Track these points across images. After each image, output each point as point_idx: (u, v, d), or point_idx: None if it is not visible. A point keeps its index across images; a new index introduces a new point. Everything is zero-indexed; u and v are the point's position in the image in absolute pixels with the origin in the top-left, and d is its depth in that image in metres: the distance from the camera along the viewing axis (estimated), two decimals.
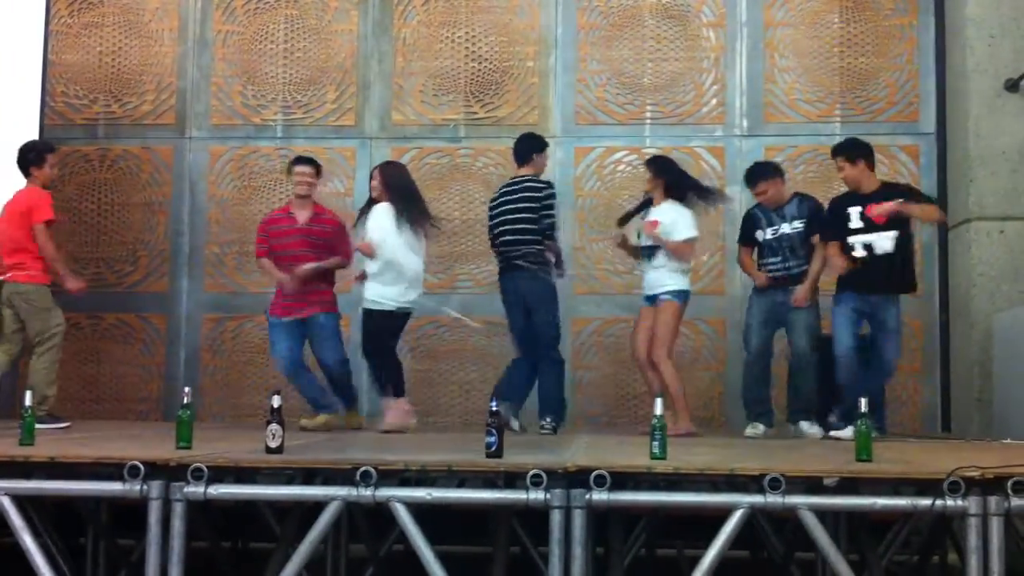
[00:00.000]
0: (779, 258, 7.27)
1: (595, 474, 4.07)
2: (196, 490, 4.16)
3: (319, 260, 7.22)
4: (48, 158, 7.28)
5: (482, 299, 8.48)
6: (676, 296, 7.09)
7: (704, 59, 8.91)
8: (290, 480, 5.11)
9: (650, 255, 7.19)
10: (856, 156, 6.97)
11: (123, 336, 9.01)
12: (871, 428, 4.60)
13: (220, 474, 4.28)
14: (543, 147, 7.46)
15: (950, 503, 3.98)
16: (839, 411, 6.75)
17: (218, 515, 6.48)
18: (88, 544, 6.31)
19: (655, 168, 7.33)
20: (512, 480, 4.36)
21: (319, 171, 7.48)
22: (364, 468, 4.14)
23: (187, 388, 4.97)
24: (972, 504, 3.96)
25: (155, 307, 9.03)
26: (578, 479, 4.09)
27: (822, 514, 4.23)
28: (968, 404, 7.82)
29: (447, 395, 8.74)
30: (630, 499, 4.30)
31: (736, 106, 8.83)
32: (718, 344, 8.60)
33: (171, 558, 4.15)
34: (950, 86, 8.46)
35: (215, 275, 9.04)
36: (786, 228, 7.26)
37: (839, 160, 7.03)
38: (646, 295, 7.24)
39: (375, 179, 7.22)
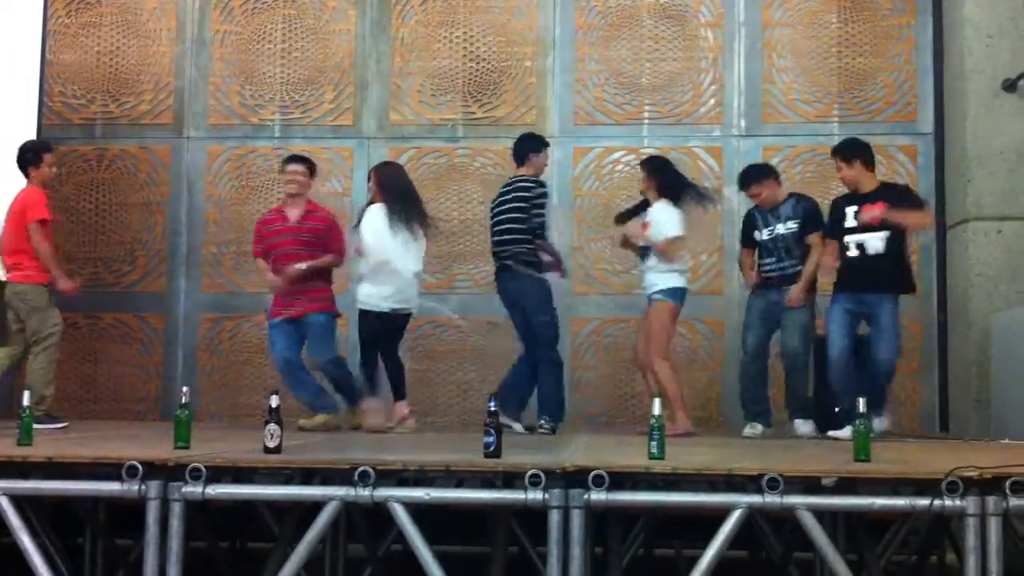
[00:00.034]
0: (774, 258, 7.30)
1: (593, 474, 4.06)
2: (194, 490, 4.16)
3: (312, 258, 7.21)
4: (45, 158, 7.27)
5: (480, 299, 8.48)
6: (668, 295, 7.08)
7: (702, 59, 8.91)
8: (288, 480, 5.10)
9: (644, 255, 7.21)
10: (852, 156, 6.98)
11: (121, 336, 9.01)
12: (869, 428, 4.61)
13: (218, 474, 4.28)
14: (540, 147, 7.45)
15: (948, 503, 3.97)
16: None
17: (216, 515, 6.48)
18: (86, 544, 6.31)
19: (648, 169, 7.34)
20: (510, 480, 4.36)
21: (312, 169, 7.47)
22: (362, 468, 4.13)
23: (185, 388, 4.95)
24: (970, 504, 3.95)
25: (153, 307, 9.02)
26: (576, 479, 4.08)
27: (820, 514, 4.23)
28: (966, 404, 7.83)
29: (445, 395, 8.74)
30: (628, 499, 4.30)
31: (734, 106, 8.83)
32: (716, 344, 8.60)
33: (169, 558, 4.15)
34: (948, 86, 8.46)
35: (213, 275, 9.03)
36: (781, 228, 7.27)
37: (837, 160, 7.07)
38: (646, 295, 7.27)
39: (371, 180, 7.22)
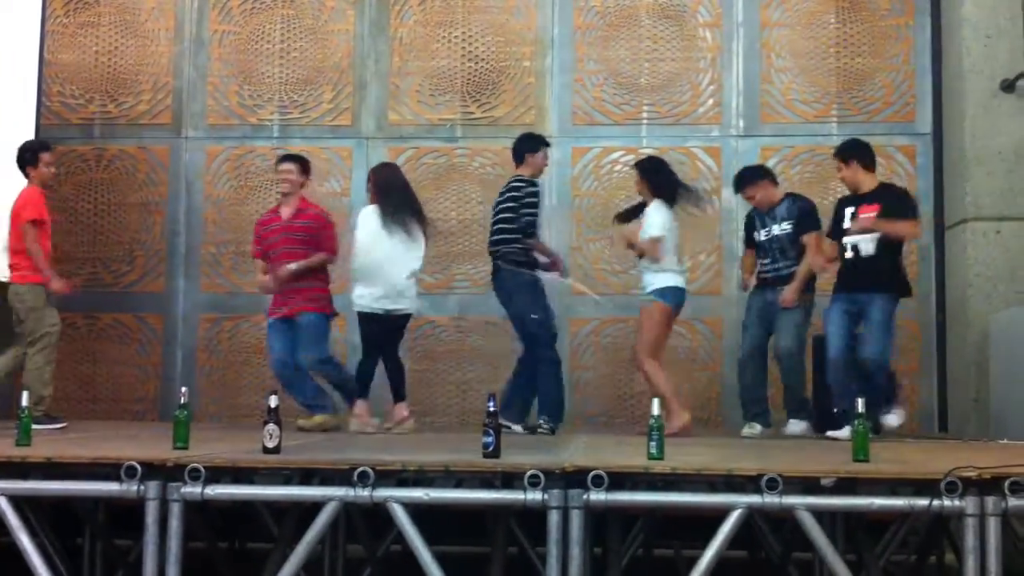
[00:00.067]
0: (769, 259, 7.34)
1: (593, 474, 4.06)
2: (193, 490, 4.16)
3: (305, 256, 7.18)
4: (43, 157, 7.27)
5: (479, 299, 8.48)
6: (659, 295, 7.08)
7: (701, 59, 8.91)
8: (287, 480, 5.10)
9: (641, 255, 7.23)
10: (849, 157, 7.00)
11: (119, 336, 9.00)
12: (868, 428, 4.61)
13: (217, 474, 4.28)
14: (536, 147, 7.44)
15: (947, 503, 3.97)
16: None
17: (215, 515, 6.48)
18: (85, 544, 6.30)
19: (640, 171, 7.36)
20: (510, 480, 4.36)
21: (304, 167, 7.44)
22: (361, 468, 4.13)
23: (184, 388, 4.94)
24: (969, 504, 3.96)
25: (151, 307, 9.01)
26: (576, 479, 4.09)
27: (819, 514, 4.23)
28: (965, 404, 7.83)
29: (444, 395, 8.73)
30: (628, 499, 4.30)
31: (732, 106, 8.83)
32: (715, 344, 8.60)
33: (168, 558, 4.15)
34: (946, 86, 8.47)
35: (211, 275, 9.02)
36: (776, 229, 7.29)
37: (837, 161, 7.09)
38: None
39: (369, 181, 7.24)
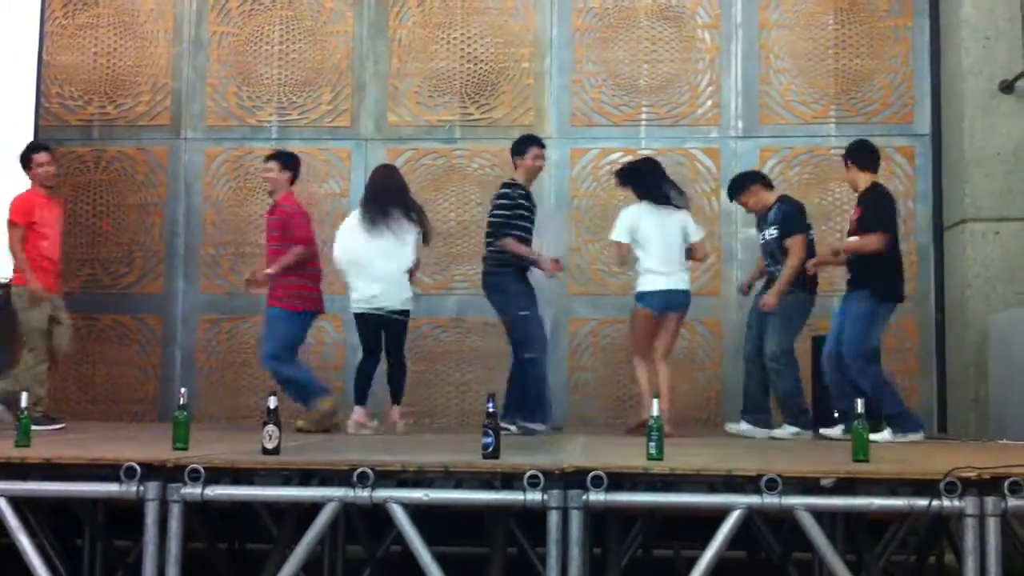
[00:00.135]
0: (766, 263, 7.38)
1: (592, 475, 4.07)
2: (193, 491, 4.16)
3: (281, 251, 7.15)
4: (35, 159, 7.33)
5: (478, 300, 8.43)
6: (637, 298, 7.18)
7: (699, 61, 8.91)
8: (287, 481, 5.08)
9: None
10: (847, 158, 7.05)
11: (119, 337, 8.99)
12: (867, 428, 4.61)
13: (217, 475, 4.28)
14: (523, 149, 7.41)
15: (947, 503, 3.98)
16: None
17: (215, 516, 6.48)
18: (85, 545, 6.30)
19: (617, 180, 7.50)
20: (509, 481, 4.36)
21: (285, 163, 7.40)
22: (361, 469, 4.13)
23: (183, 389, 4.94)
24: (969, 505, 3.96)
25: (151, 308, 9.01)
26: (575, 480, 4.09)
27: (819, 514, 4.24)
28: (964, 405, 7.83)
29: (443, 396, 8.74)
30: (627, 500, 4.31)
31: (731, 108, 8.83)
32: (714, 344, 8.60)
33: (168, 559, 4.15)
34: (945, 88, 8.47)
35: (210, 276, 9.02)
36: (767, 234, 7.31)
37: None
38: None
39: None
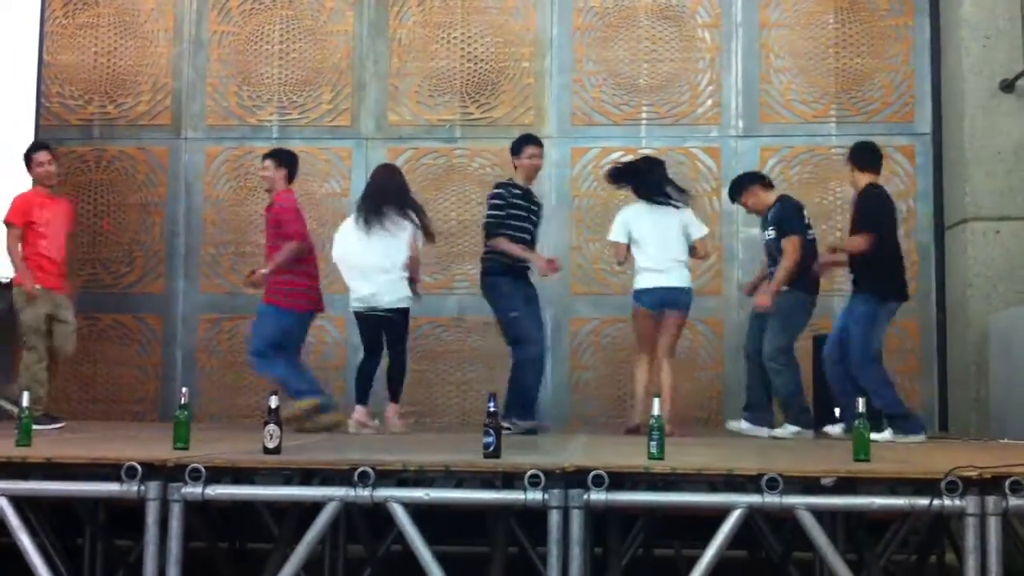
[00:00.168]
0: (768, 262, 7.34)
1: (593, 474, 4.06)
2: (194, 491, 4.16)
3: (276, 248, 7.16)
4: (34, 157, 7.40)
5: (479, 299, 8.40)
6: (633, 297, 7.20)
7: (700, 60, 8.91)
8: (288, 480, 5.09)
9: None
10: (848, 158, 7.03)
11: (119, 337, 8.99)
12: (868, 428, 4.61)
13: (218, 475, 4.28)
14: (517, 149, 7.42)
15: (948, 503, 3.97)
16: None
17: (216, 515, 6.48)
18: (86, 545, 6.31)
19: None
20: (510, 480, 4.36)
21: (280, 161, 7.38)
22: (362, 468, 4.13)
23: (184, 389, 4.93)
24: (970, 504, 3.96)
25: (151, 308, 9.01)
26: (576, 479, 4.09)
27: (820, 514, 4.24)
28: (965, 404, 7.83)
29: (444, 395, 8.74)
30: (628, 499, 4.30)
31: (732, 107, 8.83)
32: (715, 344, 8.60)
33: (169, 559, 4.15)
34: (945, 87, 8.47)
35: (211, 276, 9.02)
36: (766, 234, 7.31)
37: None
38: None
39: None
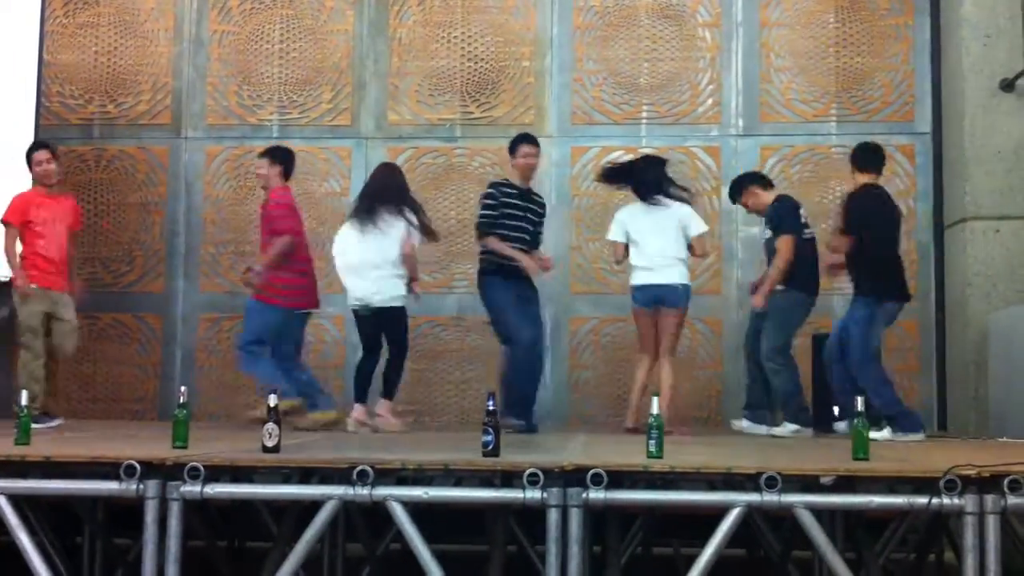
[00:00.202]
0: (768, 263, 7.34)
1: (592, 473, 4.07)
2: (193, 489, 4.16)
3: (270, 245, 7.20)
4: (34, 156, 7.41)
5: (477, 299, 8.42)
6: (630, 296, 7.22)
7: (700, 59, 8.91)
8: (287, 479, 5.10)
9: None
10: (850, 159, 7.03)
11: (119, 336, 9.00)
12: (867, 427, 4.61)
13: (216, 473, 4.28)
14: (513, 148, 7.43)
15: (946, 501, 3.98)
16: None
17: (215, 514, 6.48)
18: (84, 543, 6.30)
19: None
20: (509, 479, 4.37)
21: (275, 159, 7.41)
22: (361, 467, 4.13)
23: (183, 387, 4.93)
24: (968, 502, 3.96)
25: (151, 307, 9.02)
26: (575, 478, 4.09)
27: (819, 512, 4.24)
28: (964, 403, 7.83)
29: (443, 394, 8.74)
30: (627, 498, 4.30)
31: (732, 106, 8.83)
32: (715, 344, 8.60)
33: (168, 557, 4.15)
34: (946, 86, 8.47)
35: (211, 275, 9.02)
36: (764, 234, 7.32)
37: None
38: None
39: None
